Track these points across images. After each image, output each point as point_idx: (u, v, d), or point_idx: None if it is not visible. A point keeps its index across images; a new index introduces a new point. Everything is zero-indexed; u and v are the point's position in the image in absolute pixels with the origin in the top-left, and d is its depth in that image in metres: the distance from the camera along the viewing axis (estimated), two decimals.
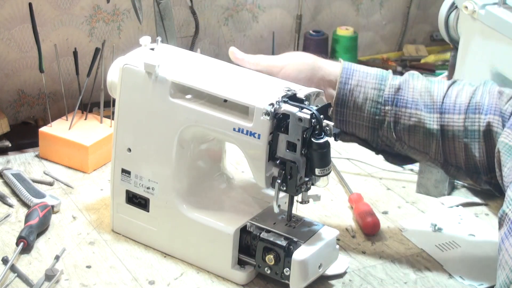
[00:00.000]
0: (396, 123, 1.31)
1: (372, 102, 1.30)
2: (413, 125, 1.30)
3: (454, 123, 1.29)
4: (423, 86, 1.32)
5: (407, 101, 1.30)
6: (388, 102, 1.30)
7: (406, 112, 1.30)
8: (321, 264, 1.31)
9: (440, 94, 1.31)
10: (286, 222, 1.33)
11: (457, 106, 1.30)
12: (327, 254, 1.32)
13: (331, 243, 1.33)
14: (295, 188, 1.26)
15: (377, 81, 1.31)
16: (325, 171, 1.25)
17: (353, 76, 1.32)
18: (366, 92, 1.31)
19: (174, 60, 1.37)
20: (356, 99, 1.31)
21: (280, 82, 1.30)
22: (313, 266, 1.29)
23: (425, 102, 1.30)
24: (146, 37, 1.41)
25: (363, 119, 1.32)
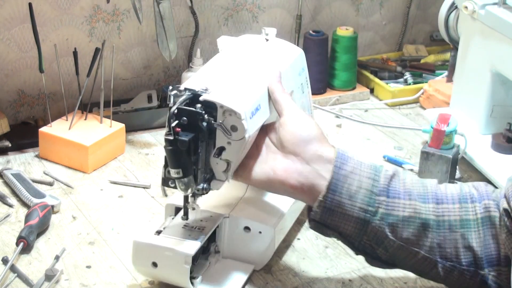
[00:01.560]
0: (390, 214, 1.22)
1: (366, 192, 1.22)
2: (407, 216, 1.22)
3: (450, 213, 1.22)
4: (414, 178, 1.26)
5: (399, 192, 1.23)
6: (382, 193, 1.22)
7: (400, 203, 1.22)
8: (155, 262, 1.28)
9: (433, 185, 1.25)
10: (187, 223, 1.33)
11: (449, 196, 1.23)
12: (167, 261, 1.27)
13: (177, 256, 1.26)
14: (162, 177, 1.27)
15: (372, 171, 1.24)
16: (174, 172, 1.22)
17: (348, 163, 1.23)
18: (360, 180, 1.22)
19: (240, 51, 1.39)
20: (349, 187, 1.22)
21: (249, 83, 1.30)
22: (144, 255, 1.28)
23: (418, 192, 1.23)
24: (271, 29, 1.46)
25: (354, 208, 1.21)
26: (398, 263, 1.26)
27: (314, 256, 1.43)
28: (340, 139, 1.85)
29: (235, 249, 1.37)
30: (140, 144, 1.79)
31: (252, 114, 1.26)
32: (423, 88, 2.02)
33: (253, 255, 1.37)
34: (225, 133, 1.24)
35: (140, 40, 1.92)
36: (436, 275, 1.24)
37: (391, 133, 1.88)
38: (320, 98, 2.02)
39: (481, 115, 1.78)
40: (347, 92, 2.05)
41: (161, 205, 1.53)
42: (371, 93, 2.08)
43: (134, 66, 1.93)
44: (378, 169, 1.25)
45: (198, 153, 1.24)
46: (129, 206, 1.56)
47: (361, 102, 2.04)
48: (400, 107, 2.02)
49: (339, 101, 2.03)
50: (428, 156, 1.64)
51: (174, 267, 1.27)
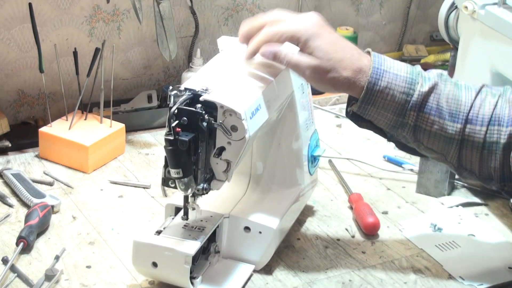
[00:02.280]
0: (417, 127, 1.29)
1: (399, 105, 1.28)
2: (434, 132, 1.30)
3: (475, 134, 1.29)
4: (451, 92, 1.31)
5: (432, 108, 1.29)
6: (414, 107, 1.28)
7: (429, 119, 1.29)
8: (155, 262, 1.28)
9: (468, 104, 1.30)
10: (187, 223, 1.33)
11: (479, 117, 1.30)
12: (167, 261, 1.27)
13: (177, 256, 1.26)
14: (163, 177, 1.27)
15: (407, 85, 1.29)
16: (173, 172, 1.23)
17: (383, 78, 1.28)
18: (394, 95, 1.28)
19: (225, 54, 1.39)
20: (383, 101, 1.28)
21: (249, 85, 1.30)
22: (144, 255, 1.28)
23: (450, 110, 1.29)
24: None
25: (385, 117, 1.30)
26: (428, 156, 1.36)
27: (314, 256, 1.43)
28: (340, 139, 1.85)
29: (235, 249, 1.37)
30: (140, 144, 1.79)
31: (252, 114, 1.26)
32: None
33: (253, 255, 1.37)
34: (225, 133, 1.24)
35: (140, 40, 1.92)
36: (459, 173, 1.36)
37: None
38: (320, 98, 2.01)
39: None
40: None
41: (161, 205, 1.53)
42: None
43: (134, 66, 1.93)
44: (414, 82, 1.29)
45: (198, 153, 1.24)
46: (129, 206, 1.56)
47: None
48: None
49: (339, 101, 2.03)
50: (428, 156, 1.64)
51: (174, 267, 1.27)
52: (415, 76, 1.30)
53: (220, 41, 1.47)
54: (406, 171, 1.72)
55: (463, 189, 1.66)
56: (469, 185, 1.66)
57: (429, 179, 1.63)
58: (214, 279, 1.33)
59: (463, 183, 1.66)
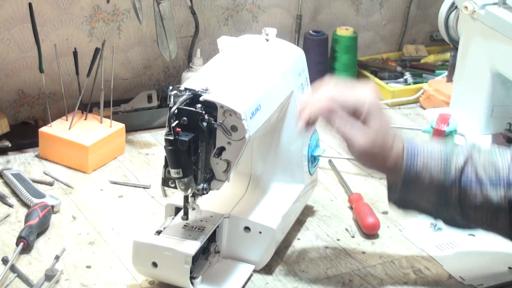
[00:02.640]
0: (462, 202, 1.28)
1: (439, 185, 1.27)
2: (479, 204, 1.27)
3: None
4: (487, 160, 1.29)
5: (472, 181, 1.27)
6: (454, 185, 1.27)
7: (471, 193, 1.27)
8: (155, 262, 1.28)
9: (505, 167, 1.28)
10: (187, 223, 1.33)
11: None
12: (167, 261, 1.27)
13: (178, 256, 1.26)
14: (163, 177, 1.27)
15: (442, 163, 1.28)
16: (173, 172, 1.23)
17: (418, 158, 1.28)
18: (432, 175, 1.27)
19: (240, 54, 1.40)
20: (422, 182, 1.27)
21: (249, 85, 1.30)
22: (144, 255, 1.28)
23: (490, 176, 1.27)
24: (271, 29, 1.48)
25: (428, 199, 1.29)
26: (478, 229, 1.33)
27: (314, 256, 1.43)
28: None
29: (235, 249, 1.37)
30: (140, 144, 1.79)
31: (252, 114, 1.26)
32: (423, 88, 2.02)
33: (253, 255, 1.37)
34: (225, 133, 1.24)
35: (140, 40, 1.92)
36: None
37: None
38: None
39: (481, 115, 1.79)
40: None
41: (161, 205, 1.53)
42: None
43: (134, 66, 1.93)
44: (449, 157, 1.28)
45: (198, 153, 1.24)
46: (129, 206, 1.56)
47: None
48: (400, 107, 2.02)
49: None
50: None
51: (174, 267, 1.27)
52: (449, 152, 1.29)
53: (220, 41, 1.47)
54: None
55: None
56: None
57: None
58: (214, 279, 1.33)
59: None
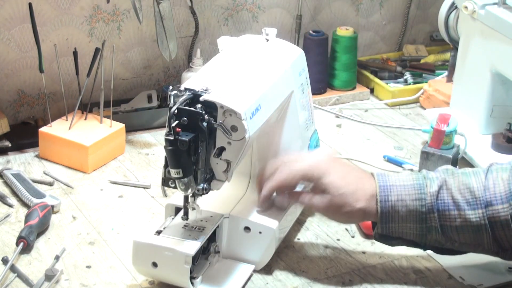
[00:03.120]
0: (443, 226, 1.30)
1: (416, 213, 1.29)
2: (460, 226, 1.29)
3: (500, 213, 1.28)
4: (461, 182, 1.30)
5: (449, 204, 1.29)
6: (432, 210, 1.29)
7: (450, 215, 1.29)
8: (155, 262, 1.28)
9: (480, 188, 1.30)
10: (187, 223, 1.33)
11: (498, 196, 1.28)
12: (167, 261, 1.27)
13: (178, 256, 1.26)
14: (163, 177, 1.27)
15: (416, 192, 1.30)
16: (173, 172, 1.23)
17: (391, 192, 1.30)
18: (408, 205, 1.30)
19: (241, 54, 1.40)
20: (400, 214, 1.30)
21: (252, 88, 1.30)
22: (144, 255, 1.28)
23: (466, 199, 1.29)
24: (271, 29, 1.48)
25: (409, 228, 1.31)
26: (467, 251, 1.35)
27: (314, 256, 1.43)
28: (340, 139, 1.85)
29: (235, 249, 1.37)
30: (140, 144, 1.79)
31: (252, 114, 1.26)
32: (423, 88, 2.02)
33: (253, 255, 1.37)
34: (225, 133, 1.24)
35: (140, 40, 1.92)
36: (503, 257, 1.32)
37: (391, 133, 1.88)
38: (320, 98, 2.02)
39: (481, 115, 1.78)
40: (347, 92, 2.05)
41: (161, 205, 1.53)
42: (371, 93, 2.08)
43: (134, 66, 1.93)
44: (422, 185, 1.30)
45: (198, 153, 1.24)
46: (129, 206, 1.56)
47: (361, 102, 2.04)
48: (400, 107, 2.02)
49: (339, 101, 2.03)
50: (428, 156, 1.64)
51: (174, 267, 1.27)
52: (421, 181, 1.31)
53: (220, 41, 1.47)
54: (406, 171, 1.72)
55: None
56: None
57: None
58: (214, 279, 1.33)
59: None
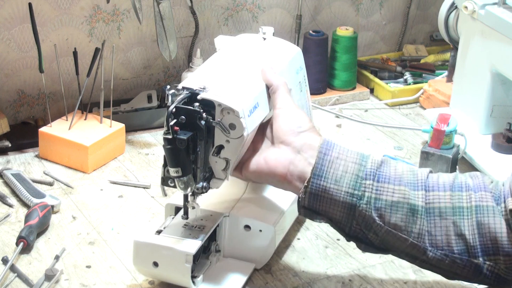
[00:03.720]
0: (377, 199, 1.21)
1: (352, 175, 1.22)
2: (396, 201, 1.21)
3: (440, 200, 1.21)
4: (405, 166, 1.26)
5: (390, 177, 1.22)
6: (369, 177, 1.21)
7: (389, 188, 1.21)
8: (156, 262, 1.27)
9: (424, 174, 1.24)
10: (187, 222, 1.33)
11: (441, 184, 1.22)
12: (168, 260, 1.27)
13: (178, 255, 1.26)
14: (162, 176, 1.28)
15: (359, 157, 1.24)
16: (173, 171, 1.23)
17: (333, 149, 1.25)
18: (346, 165, 1.22)
19: (242, 53, 1.40)
20: (335, 171, 1.23)
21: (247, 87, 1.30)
22: (144, 255, 1.28)
23: (408, 179, 1.23)
24: (268, 28, 1.47)
25: (340, 193, 1.22)
26: (390, 248, 1.25)
27: (314, 256, 1.43)
28: (340, 139, 1.85)
29: (235, 248, 1.37)
30: (140, 144, 1.79)
31: (250, 112, 1.26)
32: (423, 88, 2.02)
33: (254, 253, 1.37)
34: (224, 131, 1.24)
35: (140, 40, 1.92)
36: (425, 260, 1.23)
37: (391, 133, 1.88)
38: (320, 98, 2.02)
39: (481, 115, 1.78)
40: (347, 92, 2.05)
41: (161, 205, 1.53)
42: (371, 93, 2.08)
43: (134, 66, 1.93)
44: (366, 156, 1.25)
45: (197, 152, 1.24)
46: (129, 206, 1.56)
47: (361, 102, 2.04)
48: (400, 107, 2.02)
49: (339, 101, 2.03)
50: (428, 156, 1.64)
51: (175, 266, 1.27)
52: (367, 154, 1.26)
53: (218, 40, 1.47)
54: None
55: None
56: None
57: None
58: (215, 278, 1.33)
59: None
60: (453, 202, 1.20)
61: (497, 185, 1.22)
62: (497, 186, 1.22)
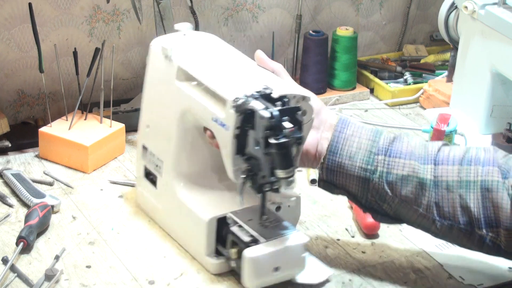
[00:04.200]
0: (389, 173, 1.28)
1: (366, 152, 1.29)
2: (406, 175, 1.28)
3: (448, 173, 1.27)
4: (418, 141, 1.32)
5: (401, 152, 1.29)
6: (381, 152, 1.29)
7: (399, 162, 1.28)
8: (278, 267, 1.28)
9: (435, 148, 1.30)
10: (260, 221, 1.33)
11: (451, 158, 1.28)
12: (288, 259, 1.29)
13: (295, 249, 1.30)
14: (257, 185, 1.27)
15: (372, 134, 1.31)
16: (285, 173, 1.23)
17: (348, 127, 1.31)
18: (360, 142, 1.30)
19: (189, 47, 1.41)
20: (349, 148, 1.30)
21: (268, 79, 1.31)
22: (266, 267, 1.28)
23: (419, 154, 1.29)
24: (183, 24, 1.48)
25: (354, 168, 1.29)
26: (403, 218, 1.32)
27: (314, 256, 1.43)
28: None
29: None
30: None
31: None
32: (423, 88, 2.02)
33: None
34: (304, 118, 1.28)
35: (140, 40, 1.92)
36: (436, 231, 1.30)
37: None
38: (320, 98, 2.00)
39: (481, 115, 1.79)
40: (347, 92, 2.05)
41: None
42: (371, 93, 2.08)
43: (134, 66, 1.93)
44: (380, 132, 1.32)
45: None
46: (129, 206, 1.56)
47: (361, 102, 2.04)
48: (400, 107, 2.02)
49: (339, 101, 2.03)
50: None
51: (295, 261, 1.31)
52: (380, 129, 1.33)
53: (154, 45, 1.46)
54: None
55: None
56: None
57: None
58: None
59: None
60: (461, 176, 1.26)
61: (509, 160, 1.26)
62: (509, 160, 1.26)
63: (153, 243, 1.44)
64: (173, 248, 1.42)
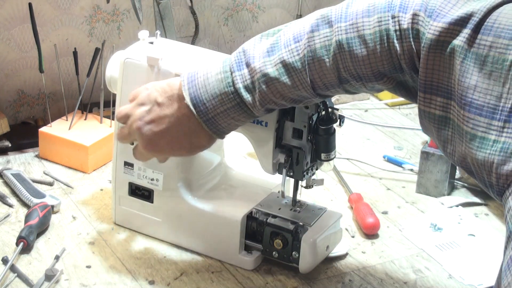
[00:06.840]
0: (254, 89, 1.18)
1: (221, 83, 1.20)
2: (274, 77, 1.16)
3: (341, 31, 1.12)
4: (265, 43, 1.20)
5: (254, 57, 1.18)
6: (234, 69, 1.19)
7: (255, 71, 1.17)
8: (328, 245, 1.37)
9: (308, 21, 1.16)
10: (291, 207, 1.38)
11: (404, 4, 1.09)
12: (333, 236, 1.39)
13: (336, 225, 1.39)
14: (301, 173, 1.33)
15: (220, 69, 1.21)
16: (330, 155, 1.32)
17: (198, 74, 1.22)
18: (213, 84, 1.20)
19: (175, 53, 1.39)
20: (206, 89, 1.20)
21: None
22: (321, 248, 1.35)
23: (286, 40, 1.16)
24: (144, 31, 1.42)
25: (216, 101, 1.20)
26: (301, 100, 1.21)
27: None
28: (340, 139, 1.85)
29: None
30: None
31: None
32: None
33: None
34: None
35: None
36: None
37: (391, 133, 1.88)
38: None
39: None
40: None
41: None
42: None
43: None
44: (225, 61, 1.21)
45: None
46: None
47: (361, 102, 2.04)
48: (400, 107, 2.02)
49: (339, 101, 2.03)
50: (428, 156, 1.64)
51: (338, 236, 1.41)
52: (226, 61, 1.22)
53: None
54: (406, 171, 1.72)
55: (463, 189, 1.66)
56: (469, 185, 1.66)
57: (429, 179, 1.63)
58: None
59: (463, 183, 1.66)
60: None
61: None
62: None
63: (153, 243, 1.44)
64: (173, 248, 1.42)
